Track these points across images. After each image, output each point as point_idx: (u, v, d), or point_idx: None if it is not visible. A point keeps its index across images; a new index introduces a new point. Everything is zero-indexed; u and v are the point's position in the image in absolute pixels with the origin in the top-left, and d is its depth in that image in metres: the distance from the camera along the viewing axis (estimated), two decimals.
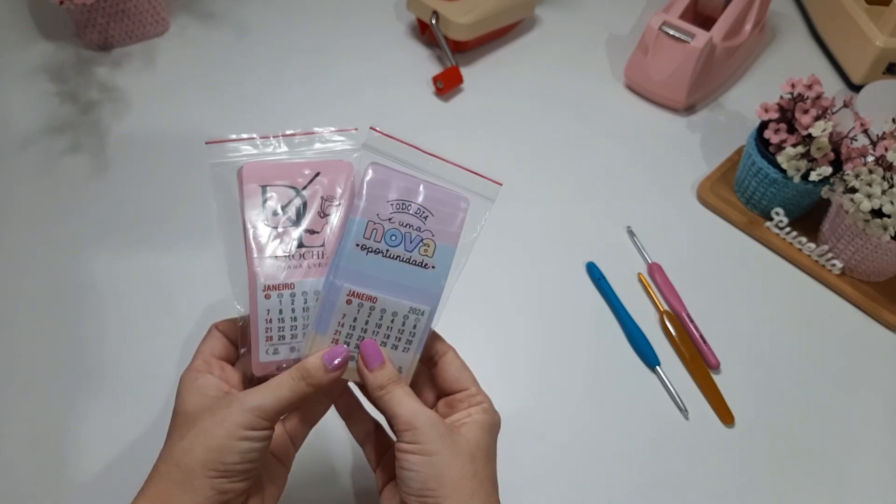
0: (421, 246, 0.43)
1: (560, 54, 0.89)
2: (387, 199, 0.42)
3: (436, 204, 0.44)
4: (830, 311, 0.66)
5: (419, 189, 0.43)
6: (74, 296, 0.63)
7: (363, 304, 0.41)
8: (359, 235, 0.41)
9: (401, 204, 0.43)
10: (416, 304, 0.42)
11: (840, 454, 0.57)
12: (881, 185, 0.58)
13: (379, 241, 0.42)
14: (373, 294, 0.41)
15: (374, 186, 0.42)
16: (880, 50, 0.80)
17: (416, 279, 0.43)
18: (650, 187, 0.75)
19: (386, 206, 0.42)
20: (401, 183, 0.43)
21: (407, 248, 0.42)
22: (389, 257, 0.42)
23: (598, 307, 0.65)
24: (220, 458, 0.37)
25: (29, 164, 0.73)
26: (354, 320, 0.41)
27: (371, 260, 0.42)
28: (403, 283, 0.42)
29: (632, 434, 0.57)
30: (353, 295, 0.41)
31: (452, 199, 0.44)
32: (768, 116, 0.66)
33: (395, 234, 0.42)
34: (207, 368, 0.42)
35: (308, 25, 0.90)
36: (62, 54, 0.84)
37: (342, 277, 0.41)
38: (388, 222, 0.42)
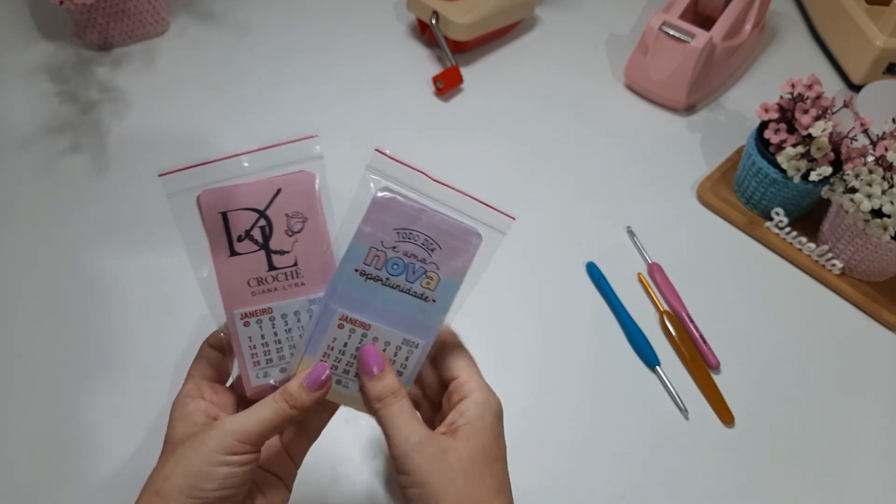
0: (423, 278, 0.41)
1: (560, 54, 0.89)
2: (393, 226, 0.40)
3: (444, 236, 0.41)
4: (830, 311, 0.66)
5: (428, 219, 0.41)
6: (74, 296, 0.63)
7: (355, 329, 0.40)
8: (358, 261, 0.40)
9: (407, 233, 0.41)
10: (410, 335, 0.41)
11: (840, 454, 0.57)
12: (881, 185, 0.58)
13: (380, 268, 0.40)
14: (366, 321, 0.40)
15: (380, 211, 0.40)
16: (880, 50, 0.80)
17: (415, 311, 0.41)
18: (650, 187, 0.75)
19: (391, 233, 0.40)
20: (409, 210, 0.41)
21: (409, 278, 0.41)
22: (389, 286, 0.41)
23: (598, 307, 0.65)
24: (198, 483, 0.36)
25: (29, 164, 0.73)
26: (345, 345, 0.40)
27: (369, 287, 0.40)
28: (400, 314, 0.41)
29: (632, 434, 0.57)
30: (345, 320, 0.40)
31: (463, 232, 0.42)
32: (768, 116, 0.66)
33: (398, 264, 0.41)
34: (198, 393, 0.41)
35: (308, 25, 0.90)
36: (62, 54, 0.84)
37: (337, 301, 0.40)
38: (391, 251, 0.40)
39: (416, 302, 0.41)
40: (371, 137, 0.78)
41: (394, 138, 0.78)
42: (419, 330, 0.41)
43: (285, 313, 0.41)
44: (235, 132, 0.77)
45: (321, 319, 0.40)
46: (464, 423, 0.39)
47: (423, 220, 0.41)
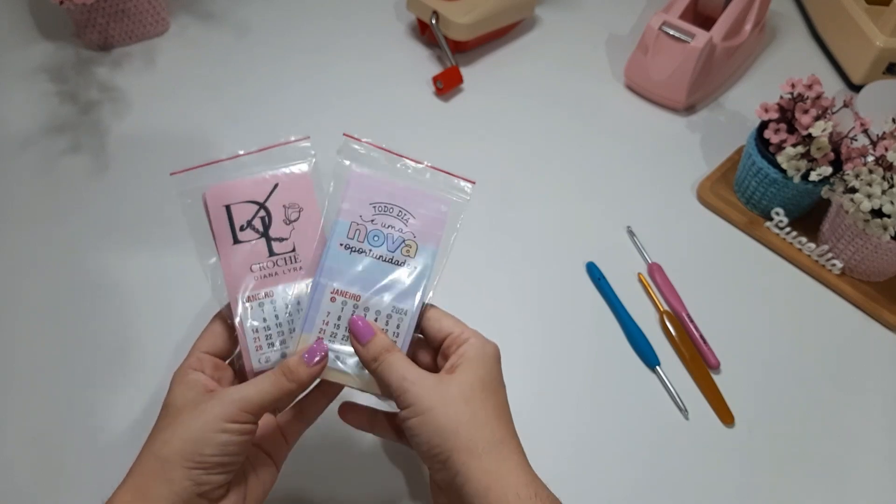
0: (403, 247, 0.45)
1: (560, 54, 0.89)
2: (369, 201, 0.45)
3: (417, 207, 0.45)
4: (830, 311, 0.66)
5: (400, 192, 0.45)
6: (74, 296, 0.63)
7: (347, 301, 0.43)
8: (342, 235, 0.44)
9: (383, 206, 0.45)
10: (398, 303, 0.44)
11: (840, 454, 0.57)
12: (881, 185, 0.58)
13: (362, 241, 0.44)
14: (356, 293, 0.43)
15: (356, 190, 0.45)
16: (880, 50, 0.80)
17: (400, 279, 0.44)
18: (650, 187, 0.75)
19: (368, 208, 0.45)
20: (382, 186, 0.45)
21: (389, 248, 0.44)
22: (373, 257, 0.44)
23: (598, 307, 0.65)
24: (197, 449, 0.38)
25: (29, 164, 0.73)
26: (339, 318, 0.43)
27: (354, 259, 0.44)
28: (387, 283, 0.44)
29: (632, 434, 0.57)
30: (336, 293, 0.43)
31: (433, 202, 0.46)
32: (768, 116, 0.66)
33: (378, 235, 0.44)
34: (200, 366, 0.42)
35: (308, 25, 0.90)
36: (62, 54, 0.84)
37: (326, 276, 0.43)
38: (370, 223, 0.44)
39: (400, 270, 0.44)
40: (371, 137, 0.78)
41: (394, 138, 0.77)
42: (405, 297, 0.44)
43: (286, 297, 0.44)
44: (235, 132, 0.77)
45: (314, 296, 0.43)
46: (462, 363, 0.41)
47: (396, 193, 0.45)
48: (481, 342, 0.42)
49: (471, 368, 0.41)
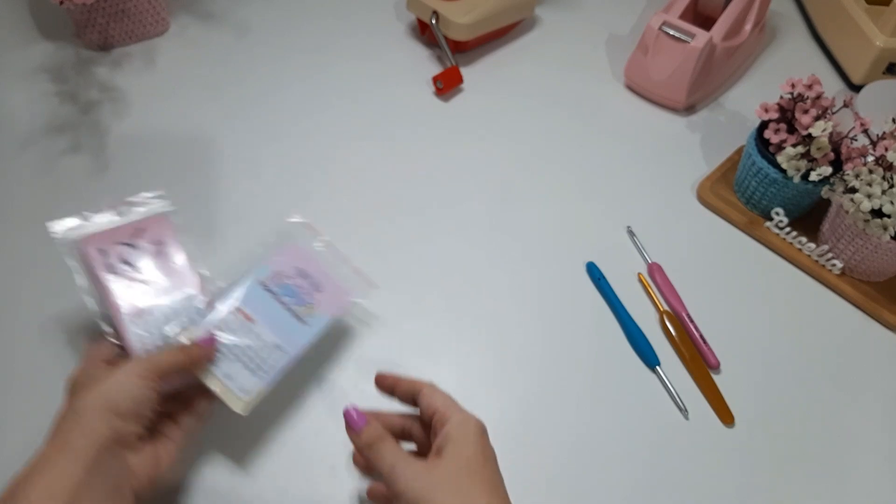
0: (305, 305, 0.54)
1: (560, 54, 0.89)
2: (295, 265, 0.55)
3: (329, 286, 0.56)
4: (830, 311, 0.66)
5: (321, 272, 0.56)
6: (75, 295, 0.63)
7: (244, 322, 0.51)
8: (262, 276, 0.54)
9: (303, 272, 0.55)
10: (281, 342, 0.52)
11: (840, 454, 0.57)
12: (881, 185, 0.58)
13: (276, 287, 0.54)
14: (254, 317, 0.52)
15: (289, 255, 0.56)
16: (880, 50, 0.80)
17: (291, 327, 0.53)
18: (650, 187, 0.75)
19: (292, 268, 0.55)
20: (311, 261, 0.56)
21: (294, 301, 0.54)
22: (278, 301, 0.53)
23: (598, 307, 0.65)
24: (112, 397, 0.43)
25: (29, 164, 0.73)
26: (233, 332, 0.51)
27: (264, 296, 0.53)
28: (279, 324, 0.52)
29: (632, 434, 0.57)
30: (239, 312, 0.52)
31: (342, 292, 0.56)
32: (768, 116, 0.66)
33: (290, 289, 0.54)
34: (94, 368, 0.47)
35: (308, 25, 0.90)
36: (62, 54, 0.84)
37: (238, 297, 0.52)
38: (288, 278, 0.54)
39: (294, 321, 0.53)
40: (371, 137, 0.78)
41: (394, 138, 0.78)
42: (290, 341, 0.52)
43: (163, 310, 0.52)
44: (235, 132, 0.77)
45: (219, 308, 0.51)
46: (447, 444, 0.42)
47: (318, 270, 0.56)
48: (463, 420, 0.43)
49: (456, 450, 0.41)
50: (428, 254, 0.68)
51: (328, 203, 0.71)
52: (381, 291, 0.64)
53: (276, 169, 0.74)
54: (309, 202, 0.71)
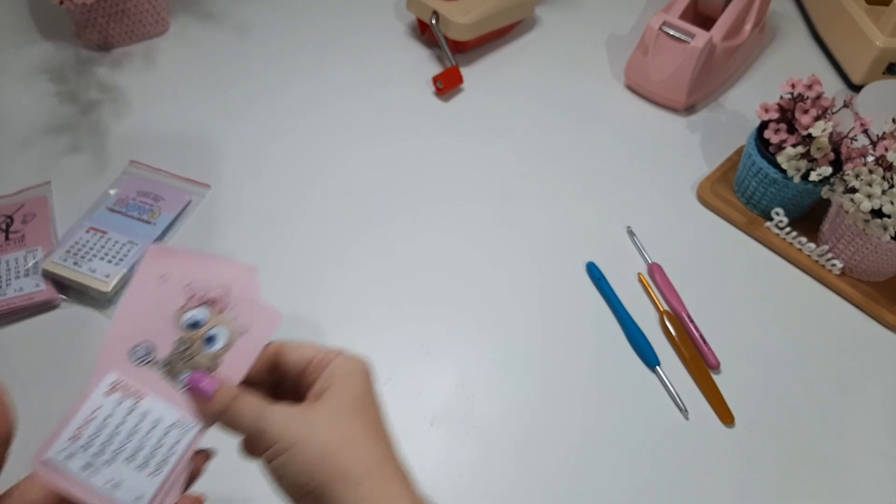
0: (150, 212, 0.66)
1: (560, 54, 0.89)
2: (136, 189, 0.68)
3: (166, 195, 0.68)
4: (830, 311, 0.66)
5: (158, 187, 0.69)
6: (74, 296, 0.63)
7: (100, 235, 0.54)
8: (108, 203, 0.67)
9: (143, 192, 0.68)
10: (135, 239, 0.63)
11: (840, 454, 0.57)
12: (881, 185, 0.58)
13: (121, 208, 0.66)
14: (104, 229, 0.63)
15: (128, 183, 0.69)
16: (880, 50, 0.80)
17: (142, 229, 0.65)
18: (650, 187, 0.75)
19: (134, 192, 0.68)
20: (148, 182, 0.69)
21: (140, 213, 0.66)
22: (125, 216, 0.66)
23: (598, 307, 0.65)
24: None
25: (29, 164, 0.73)
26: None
27: (113, 215, 0.65)
28: (131, 230, 0.64)
29: (632, 434, 0.57)
30: (91, 229, 0.60)
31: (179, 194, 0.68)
32: (768, 116, 0.66)
33: (135, 206, 0.67)
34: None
35: (308, 25, 0.90)
36: (62, 54, 0.84)
37: (88, 221, 0.64)
38: (132, 199, 0.67)
39: (143, 224, 0.63)
40: (371, 137, 0.78)
41: (394, 138, 0.78)
42: (142, 237, 0.61)
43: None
44: (235, 132, 0.77)
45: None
46: (329, 385, 0.36)
47: (154, 186, 0.69)
48: (347, 359, 0.37)
49: (338, 389, 0.36)
50: (428, 253, 0.68)
51: (328, 203, 0.71)
52: (381, 291, 0.64)
53: (276, 168, 0.74)
54: (309, 202, 0.71)
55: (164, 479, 0.36)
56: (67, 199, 0.69)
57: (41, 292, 0.61)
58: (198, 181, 0.71)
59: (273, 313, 0.39)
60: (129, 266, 0.62)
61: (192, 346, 0.38)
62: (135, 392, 0.37)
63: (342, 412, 0.35)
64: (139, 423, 0.36)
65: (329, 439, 0.34)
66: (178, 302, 0.38)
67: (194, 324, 0.38)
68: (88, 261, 0.62)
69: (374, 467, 0.34)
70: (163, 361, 0.37)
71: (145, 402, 0.37)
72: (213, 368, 0.37)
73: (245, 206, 0.70)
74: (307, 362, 0.37)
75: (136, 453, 0.36)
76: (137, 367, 0.37)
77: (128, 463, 0.36)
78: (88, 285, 0.61)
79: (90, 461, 0.36)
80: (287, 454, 0.34)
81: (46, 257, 0.62)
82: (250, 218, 0.69)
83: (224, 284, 0.39)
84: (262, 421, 0.34)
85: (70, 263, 0.61)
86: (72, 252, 0.62)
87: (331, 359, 0.37)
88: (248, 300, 0.39)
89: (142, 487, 0.36)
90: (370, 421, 0.36)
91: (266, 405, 0.35)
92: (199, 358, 0.37)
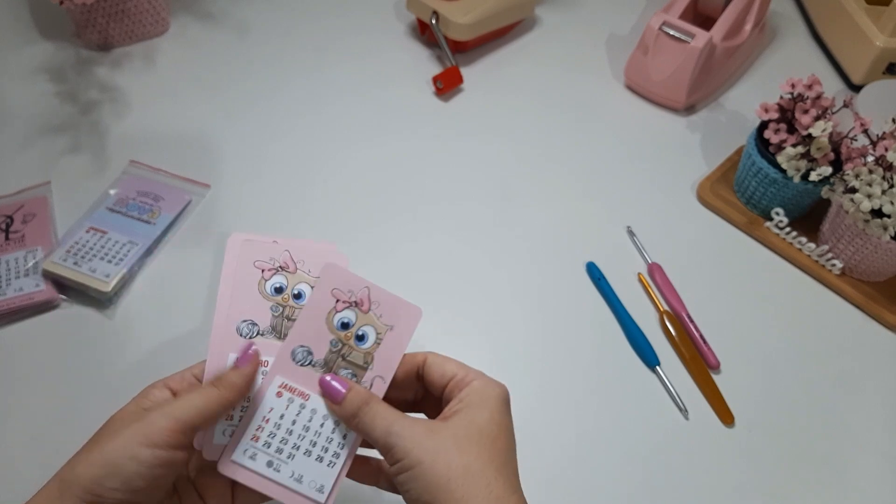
0: (150, 212, 0.66)
1: (560, 54, 0.89)
2: (136, 189, 0.68)
3: (166, 194, 0.68)
4: (830, 311, 0.66)
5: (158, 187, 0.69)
6: (75, 296, 0.63)
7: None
8: (108, 203, 0.66)
9: (143, 192, 0.68)
10: (134, 239, 0.62)
11: (840, 454, 0.57)
12: (881, 185, 0.58)
13: (121, 208, 0.65)
14: (104, 229, 0.60)
15: (129, 183, 0.69)
16: (880, 50, 0.80)
17: (142, 228, 0.63)
18: (650, 187, 0.75)
19: (134, 192, 0.68)
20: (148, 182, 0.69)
21: (140, 213, 0.65)
22: (125, 216, 0.65)
23: (598, 307, 0.65)
24: (98, 477, 0.32)
25: (29, 164, 0.73)
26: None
27: (113, 215, 0.64)
28: (130, 229, 0.63)
29: (632, 434, 0.57)
30: (91, 229, 0.51)
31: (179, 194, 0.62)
32: (768, 116, 0.66)
33: (135, 206, 0.66)
34: (177, 386, 0.38)
35: (308, 25, 0.90)
36: (62, 54, 0.84)
37: (88, 221, 0.63)
38: (132, 199, 0.67)
39: (143, 224, 0.61)
40: (371, 137, 0.78)
41: (394, 138, 0.78)
42: (141, 237, 0.60)
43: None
44: (235, 132, 0.77)
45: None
46: (461, 408, 0.37)
47: (155, 186, 0.69)
48: (485, 384, 0.38)
49: (469, 414, 0.36)
50: (427, 253, 0.68)
51: (328, 203, 0.71)
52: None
53: (276, 168, 0.74)
54: (309, 202, 0.71)
55: (341, 469, 0.39)
56: (67, 199, 0.69)
57: (41, 292, 0.61)
58: (198, 181, 0.71)
59: (414, 308, 0.42)
60: (129, 266, 0.62)
61: (346, 346, 0.41)
62: (301, 392, 0.40)
63: (469, 440, 0.35)
64: (310, 420, 0.39)
65: (451, 465, 0.34)
66: (329, 305, 0.41)
67: (345, 324, 0.41)
68: (88, 261, 0.62)
69: (493, 501, 0.34)
70: (321, 361, 0.40)
71: (312, 401, 0.40)
72: (368, 364, 0.41)
73: (245, 206, 0.70)
74: (449, 379, 0.39)
75: (312, 448, 0.39)
76: (301, 369, 0.40)
77: (307, 457, 0.39)
78: (88, 285, 0.61)
79: (271, 459, 0.39)
80: (411, 472, 0.34)
81: (46, 257, 0.62)
82: (250, 218, 0.69)
83: (363, 286, 0.42)
84: (390, 435, 0.35)
85: (70, 263, 0.61)
86: (72, 252, 0.62)
87: (469, 380, 0.38)
88: (389, 298, 0.42)
89: (322, 478, 0.39)
90: (497, 451, 0.36)
91: (397, 418, 0.36)
92: (353, 356, 0.41)
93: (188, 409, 0.35)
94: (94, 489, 0.32)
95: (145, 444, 0.33)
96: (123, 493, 0.32)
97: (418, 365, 0.41)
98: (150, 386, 0.38)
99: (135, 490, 0.32)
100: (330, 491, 0.39)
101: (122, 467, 0.32)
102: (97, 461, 0.32)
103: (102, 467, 0.32)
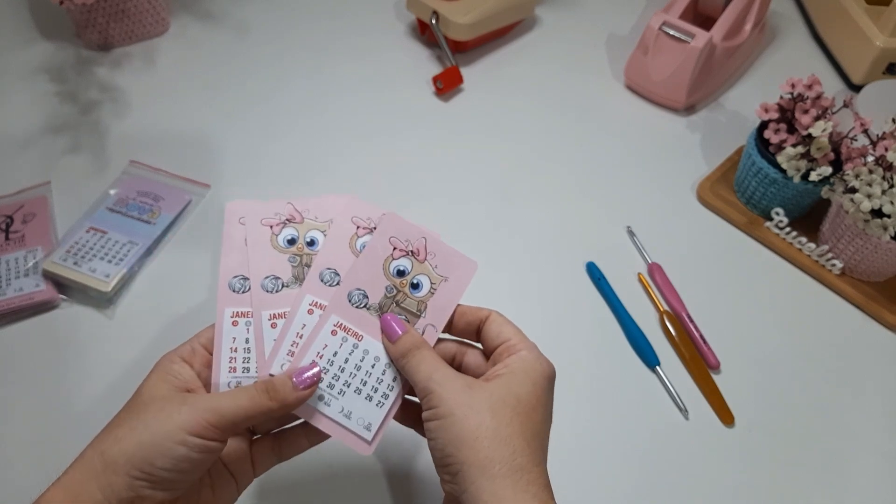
0: (150, 213, 0.65)
1: (560, 54, 0.89)
2: (136, 189, 0.68)
3: (166, 195, 0.68)
4: (830, 311, 0.66)
5: (158, 186, 0.69)
6: (75, 296, 0.63)
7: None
8: (108, 203, 0.66)
9: (143, 192, 0.68)
10: (134, 239, 0.60)
11: (840, 454, 0.57)
12: (881, 185, 0.58)
13: (121, 208, 0.65)
14: (105, 229, 0.58)
15: (129, 184, 0.68)
16: (880, 50, 0.80)
17: (142, 229, 0.61)
18: (650, 187, 0.75)
19: (134, 192, 0.68)
20: (148, 182, 0.69)
21: (140, 213, 0.64)
22: (126, 216, 0.65)
23: (598, 307, 0.65)
24: (149, 458, 0.33)
25: (29, 164, 0.73)
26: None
27: (113, 215, 0.65)
28: (130, 229, 0.63)
29: (632, 434, 0.57)
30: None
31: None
32: (768, 116, 0.66)
33: (135, 206, 0.66)
34: (190, 358, 0.39)
35: (308, 25, 0.90)
36: (62, 54, 0.84)
37: (88, 221, 0.63)
38: (132, 200, 0.67)
39: (143, 224, 0.60)
40: (371, 137, 0.78)
41: (394, 138, 0.78)
42: (142, 237, 0.60)
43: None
44: (235, 132, 0.77)
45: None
46: (504, 373, 0.37)
47: (155, 186, 0.69)
48: (533, 356, 0.38)
49: (511, 381, 0.37)
50: None
51: None
52: None
53: (276, 169, 0.74)
54: None
55: (389, 409, 0.40)
56: (67, 199, 0.69)
57: (41, 292, 0.61)
58: (198, 181, 0.71)
59: (469, 262, 0.44)
60: (129, 266, 0.62)
61: (401, 292, 0.42)
62: (355, 332, 0.41)
63: (504, 405, 0.35)
64: (363, 360, 0.40)
65: (481, 425, 0.34)
66: (386, 252, 0.42)
67: (401, 272, 0.42)
68: (88, 261, 0.62)
69: (515, 470, 0.34)
70: (376, 306, 0.41)
71: (365, 342, 0.41)
72: (421, 312, 0.42)
73: None
74: (503, 341, 0.39)
75: (362, 386, 0.40)
76: (356, 310, 0.41)
77: (356, 395, 0.40)
78: (88, 285, 0.61)
79: (322, 393, 0.39)
80: (441, 422, 0.35)
81: (46, 257, 0.62)
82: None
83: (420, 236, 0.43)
84: (431, 381, 0.36)
85: (70, 263, 0.61)
86: (72, 252, 0.62)
87: (520, 349, 0.38)
88: (446, 250, 0.43)
89: (370, 416, 0.40)
90: (530, 423, 0.36)
91: (441, 367, 0.37)
92: (407, 302, 0.42)
93: (234, 409, 0.36)
94: (144, 468, 0.33)
95: (192, 434, 0.34)
96: (171, 472, 0.34)
97: (481, 319, 0.41)
98: (165, 360, 0.39)
99: (182, 471, 0.34)
100: (377, 430, 0.40)
101: (172, 450, 0.34)
102: (146, 441, 0.34)
103: (150, 448, 0.34)
